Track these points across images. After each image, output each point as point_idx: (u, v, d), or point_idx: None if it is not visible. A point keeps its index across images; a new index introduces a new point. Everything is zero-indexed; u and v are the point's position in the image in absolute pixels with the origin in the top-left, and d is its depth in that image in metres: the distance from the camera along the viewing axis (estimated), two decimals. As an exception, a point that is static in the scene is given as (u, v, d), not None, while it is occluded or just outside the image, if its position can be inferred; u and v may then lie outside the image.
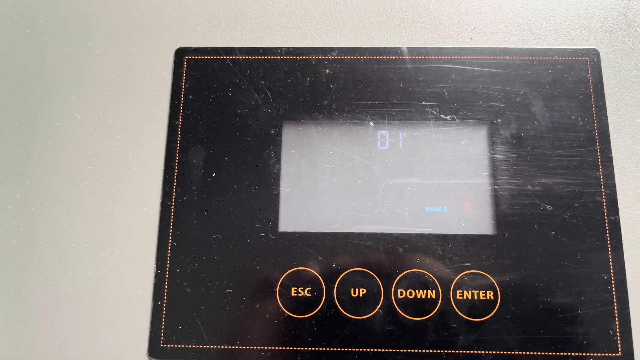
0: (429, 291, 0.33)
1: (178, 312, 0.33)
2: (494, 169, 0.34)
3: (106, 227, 0.34)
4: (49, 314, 0.33)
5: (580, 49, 0.36)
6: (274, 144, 0.35)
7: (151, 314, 0.33)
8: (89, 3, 0.38)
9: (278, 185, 0.35)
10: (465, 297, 0.32)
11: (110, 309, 0.33)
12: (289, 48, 0.37)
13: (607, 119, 0.35)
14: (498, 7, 0.37)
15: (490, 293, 0.32)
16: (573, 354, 0.32)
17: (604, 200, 0.33)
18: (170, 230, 0.34)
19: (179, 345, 0.32)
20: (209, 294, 0.33)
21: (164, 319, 0.33)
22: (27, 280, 0.34)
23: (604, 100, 0.35)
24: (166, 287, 0.33)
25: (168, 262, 0.34)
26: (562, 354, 0.32)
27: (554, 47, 0.36)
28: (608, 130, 0.35)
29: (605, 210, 0.33)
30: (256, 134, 0.35)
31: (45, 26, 0.38)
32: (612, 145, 0.34)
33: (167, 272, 0.33)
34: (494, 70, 0.36)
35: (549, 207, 0.33)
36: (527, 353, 0.32)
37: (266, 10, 0.38)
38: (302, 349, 0.32)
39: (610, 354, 0.31)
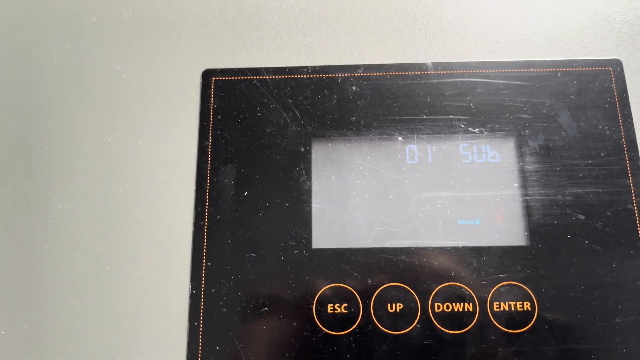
0: (466, 304, 0.33)
1: (215, 333, 0.33)
2: (524, 180, 0.34)
3: (140, 248, 0.34)
4: (85, 337, 0.33)
5: (603, 60, 0.36)
6: (304, 162, 0.35)
7: (188, 335, 0.33)
8: (115, 27, 0.39)
9: (310, 202, 0.35)
10: (502, 309, 0.32)
11: (147, 331, 0.33)
12: (315, 67, 0.37)
13: (633, 127, 0.35)
14: (520, 20, 0.38)
15: (527, 304, 0.32)
16: (613, 363, 0.31)
17: (635, 208, 0.34)
18: (204, 250, 0.34)
19: (217, 366, 0.32)
20: (245, 314, 0.33)
21: (200, 340, 0.33)
22: (63, 304, 0.34)
23: (630, 109, 0.35)
24: (202, 307, 0.33)
25: (203, 282, 0.34)
26: (602, 363, 0.31)
27: (577, 58, 0.37)
28: (635, 139, 0.35)
29: (637, 218, 0.33)
30: (286, 152, 0.36)
31: (73, 51, 0.38)
32: (640, 153, 0.35)
33: (203, 293, 0.33)
34: (518, 82, 0.36)
35: (581, 217, 0.34)
36: (567, 364, 0.31)
37: (291, 29, 0.38)
38: (341, 366, 0.32)
39: (651, 362, 0.31)
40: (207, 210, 0.35)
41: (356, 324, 0.33)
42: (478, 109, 0.36)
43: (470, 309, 0.32)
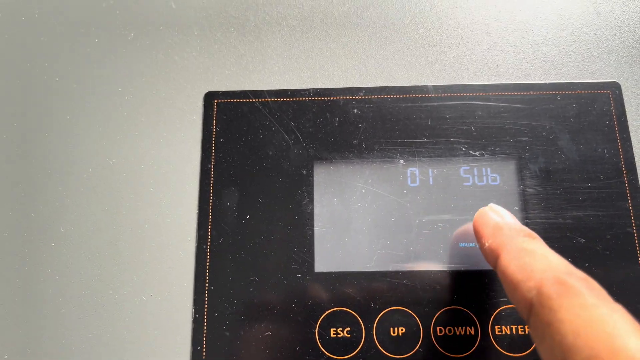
0: (468, 327, 0.33)
1: (218, 357, 0.33)
2: (525, 203, 0.35)
3: (142, 272, 0.34)
4: (88, 362, 0.33)
5: (602, 82, 0.37)
6: (306, 184, 0.36)
7: (191, 359, 0.33)
8: (118, 49, 0.39)
9: (312, 225, 0.35)
10: (504, 332, 0.33)
11: (149, 355, 0.33)
12: (316, 89, 0.37)
13: (632, 151, 0.35)
14: (519, 43, 0.38)
15: (528, 328, 0.33)
16: (614, 386, 0.32)
17: (634, 231, 0.34)
18: (207, 274, 0.34)
19: (220, 391, 0.32)
20: (248, 337, 0.33)
21: (203, 364, 0.33)
22: (65, 328, 0.34)
23: (628, 132, 0.36)
24: (205, 331, 0.33)
25: (206, 306, 0.34)
26: (603, 387, 0.32)
27: (576, 81, 0.37)
28: (634, 162, 0.35)
29: (637, 241, 0.34)
30: (288, 175, 0.36)
31: (76, 73, 0.38)
32: (639, 176, 0.35)
33: (205, 317, 0.33)
34: (519, 105, 0.37)
35: (582, 240, 0.34)
36: (569, 387, 0.32)
37: (292, 52, 0.38)
38: (343, 390, 0.32)
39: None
40: (209, 233, 0.35)
41: (359, 348, 0.33)
42: (479, 131, 0.36)
43: (472, 333, 0.33)
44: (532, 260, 0.25)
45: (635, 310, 0.32)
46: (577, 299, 0.22)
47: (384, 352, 0.33)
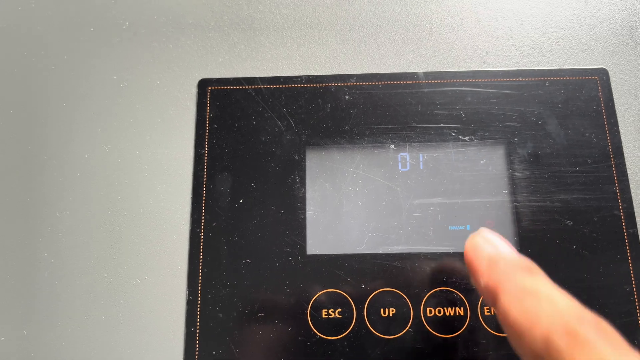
0: (457, 308, 0.33)
1: (211, 338, 0.33)
2: (514, 187, 0.35)
3: (137, 255, 0.35)
4: (82, 343, 0.34)
5: (590, 69, 0.37)
6: (299, 169, 0.36)
7: (185, 341, 0.33)
8: (112, 38, 0.39)
9: (304, 209, 0.35)
10: (492, 313, 0.33)
11: (144, 337, 0.34)
12: (308, 76, 0.38)
13: (619, 135, 0.36)
14: (508, 31, 0.39)
15: None
16: (601, 365, 0.32)
17: (621, 214, 0.35)
18: (201, 257, 0.35)
19: (213, 371, 0.33)
20: (241, 319, 0.34)
21: (197, 345, 0.33)
22: (59, 311, 0.34)
23: (616, 117, 0.36)
24: (198, 313, 0.34)
25: (199, 288, 0.34)
26: (590, 366, 0.32)
27: (565, 67, 0.38)
28: (621, 146, 0.36)
29: (623, 224, 0.34)
30: (280, 160, 0.36)
31: (71, 61, 0.39)
32: (626, 160, 0.35)
33: (199, 299, 0.34)
34: (508, 91, 0.37)
35: (569, 222, 0.34)
36: (556, 366, 0.32)
37: (285, 40, 0.39)
38: (335, 370, 0.33)
39: (637, 365, 0.32)
40: (203, 217, 0.35)
41: (350, 328, 0.33)
42: (468, 117, 0.37)
43: (462, 313, 0.33)
44: (536, 304, 0.22)
45: (621, 292, 0.33)
46: (590, 351, 0.19)
47: (375, 332, 0.33)
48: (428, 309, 0.33)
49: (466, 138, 0.36)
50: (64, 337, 0.34)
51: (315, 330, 0.33)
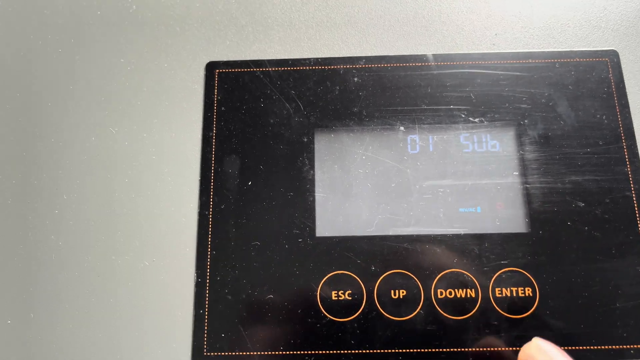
0: (468, 290, 0.33)
1: (220, 320, 0.33)
2: (524, 169, 0.35)
3: (145, 238, 0.35)
4: (90, 326, 0.33)
5: (600, 51, 0.37)
6: (307, 151, 0.36)
7: (193, 323, 0.33)
8: (120, 21, 0.39)
9: (313, 191, 0.35)
10: (504, 295, 0.33)
11: (152, 319, 0.33)
12: (317, 59, 0.38)
13: (630, 117, 0.36)
14: (518, 12, 0.38)
15: (528, 290, 0.33)
16: (613, 346, 0.32)
17: (633, 195, 0.34)
18: (209, 239, 0.34)
19: (223, 353, 0.33)
20: (250, 301, 0.33)
21: (206, 328, 0.33)
22: (68, 294, 0.34)
23: (627, 99, 0.36)
24: (207, 295, 0.33)
25: (208, 270, 0.34)
26: (602, 347, 0.32)
27: (575, 49, 0.37)
28: (632, 128, 0.35)
29: (635, 205, 0.34)
30: (289, 142, 0.36)
31: (78, 44, 0.39)
32: (637, 141, 0.35)
33: (208, 281, 0.34)
34: (518, 73, 0.37)
35: (581, 204, 0.34)
36: (569, 348, 0.32)
37: (293, 23, 0.39)
38: (345, 352, 0.32)
39: (650, 346, 0.32)
40: (211, 199, 0.35)
41: (360, 310, 0.33)
42: (478, 99, 0.36)
43: (473, 295, 0.33)
44: None
45: (634, 272, 0.33)
46: None
47: (385, 314, 0.33)
48: (439, 290, 0.33)
49: (476, 120, 0.36)
50: (72, 319, 0.34)
51: (325, 312, 0.33)
